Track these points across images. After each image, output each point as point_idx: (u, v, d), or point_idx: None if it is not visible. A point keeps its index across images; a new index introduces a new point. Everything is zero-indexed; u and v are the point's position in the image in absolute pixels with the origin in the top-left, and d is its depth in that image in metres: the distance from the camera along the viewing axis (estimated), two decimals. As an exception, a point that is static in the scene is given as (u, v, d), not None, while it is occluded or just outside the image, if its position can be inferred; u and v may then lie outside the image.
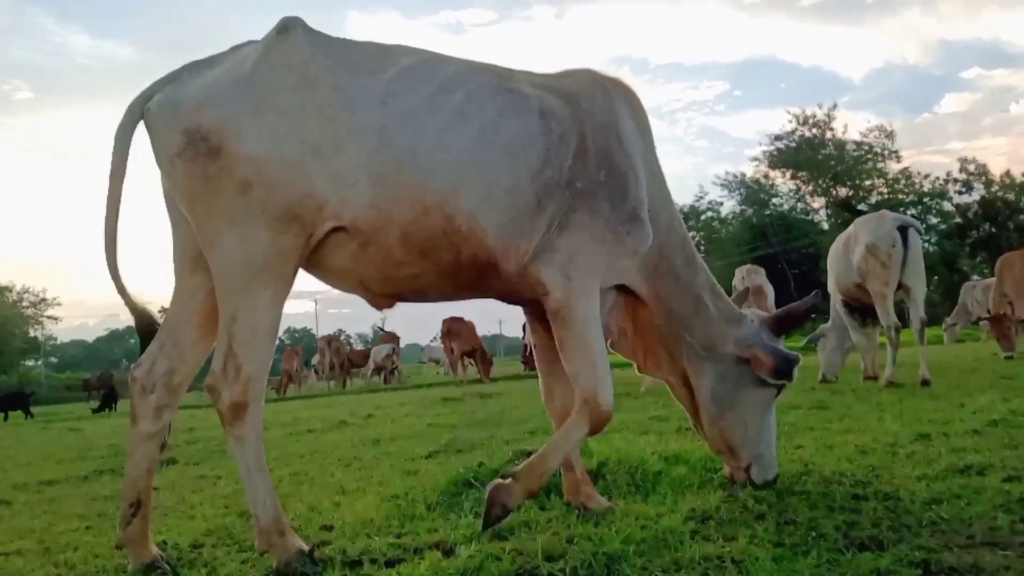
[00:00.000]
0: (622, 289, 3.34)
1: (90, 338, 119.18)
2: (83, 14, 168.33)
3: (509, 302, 3.35)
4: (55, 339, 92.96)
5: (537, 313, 3.33)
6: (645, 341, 3.47)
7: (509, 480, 2.93)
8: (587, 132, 3.09)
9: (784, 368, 3.33)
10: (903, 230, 8.23)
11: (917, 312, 8.31)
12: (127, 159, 2.89)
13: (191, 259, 2.93)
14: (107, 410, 24.58)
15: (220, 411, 2.75)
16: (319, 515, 3.67)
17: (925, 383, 7.82)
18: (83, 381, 46.11)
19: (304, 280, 2.97)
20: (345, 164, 2.70)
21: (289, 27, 2.82)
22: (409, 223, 2.78)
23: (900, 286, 8.29)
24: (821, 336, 9.67)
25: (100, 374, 43.96)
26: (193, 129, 2.64)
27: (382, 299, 3.07)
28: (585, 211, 3.01)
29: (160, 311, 3.29)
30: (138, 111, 2.82)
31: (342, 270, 2.91)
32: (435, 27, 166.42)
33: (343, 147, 2.70)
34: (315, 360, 33.91)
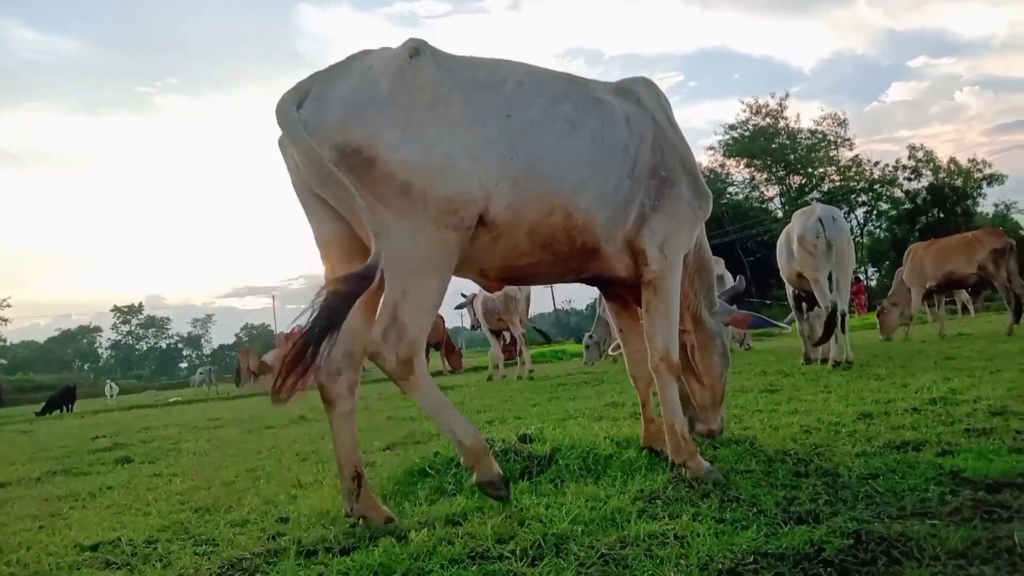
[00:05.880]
0: None
1: (41, 339, 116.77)
2: (24, 9, 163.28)
3: (592, 283, 3.88)
4: (4, 340, 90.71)
5: (618, 296, 4.01)
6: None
7: (683, 468, 3.38)
8: (656, 129, 3.60)
9: (761, 322, 4.53)
10: (827, 221, 8.71)
11: (841, 302, 8.72)
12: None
13: (343, 249, 3.08)
14: (62, 411, 24.12)
15: (388, 372, 3.00)
16: (275, 508, 3.68)
17: (836, 364, 8.56)
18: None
19: (261, 275, 3.06)
20: (484, 170, 2.99)
21: (419, 51, 3.05)
22: (538, 221, 3.16)
23: (830, 276, 8.79)
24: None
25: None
26: (343, 144, 2.84)
27: (494, 283, 3.50)
28: (671, 195, 3.57)
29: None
30: (290, 115, 2.88)
31: (468, 257, 3.16)
32: (388, 19, 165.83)
33: (480, 156, 2.98)
34: (271, 356, 33.43)
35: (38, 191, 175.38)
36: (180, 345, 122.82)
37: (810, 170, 58.84)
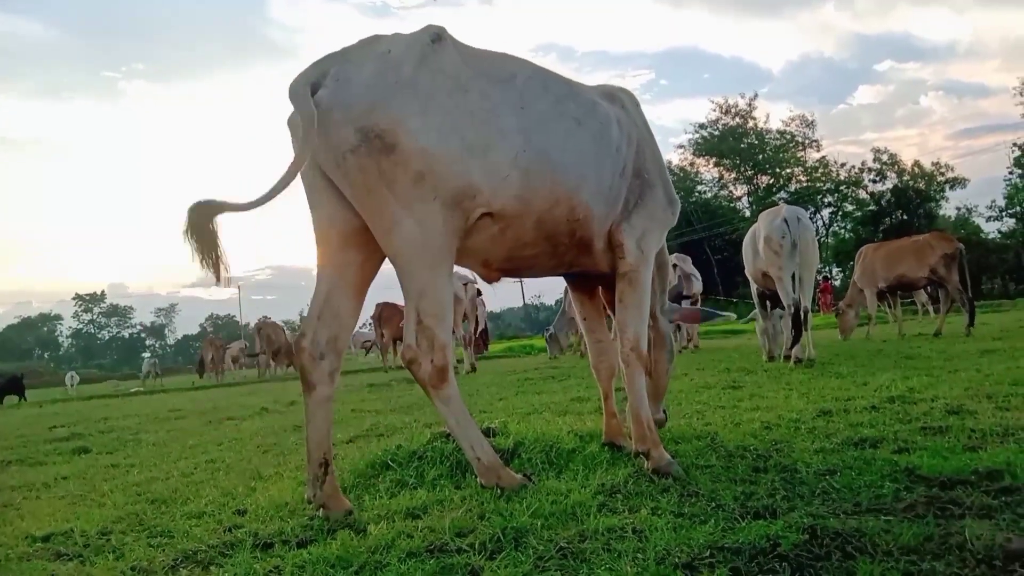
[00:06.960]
0: None
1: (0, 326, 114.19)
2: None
3: (575, 276, 4.05)
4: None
5: (585, 288, 4.15)
6: None
7: (643, 457, 3.47)
8: (637, 134, 3.75)
9: (709, 315, 4.98)
10: (792, 222, 8.85)
11: (804, 300, 8.86)
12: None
13: (340, 237, 3.13)
14: (2, 400, 23.66)
15: (422, 379, 3.12)
16: (233, 500, 3.64)
17: (798, 362, 8.64)
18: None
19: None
20: (497, 160, 3.06)
21: (441, 37, 3.10)
22: (544, 212, 3.26)
23: (793, 275, 8.94)
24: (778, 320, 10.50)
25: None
26: (368, 127, 2.84)
27: (495, 274, 3.61)
28: (650, 196, 3.73)
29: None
30: (307, 101, 2.83)
31: (474, 248, 3.26)
32: (359, 9, 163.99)
33: (494, 146, 3.06)
34: (233, 347, 33.10)
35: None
36: (143, 335, 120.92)
37: (778, 170, 59.46)
